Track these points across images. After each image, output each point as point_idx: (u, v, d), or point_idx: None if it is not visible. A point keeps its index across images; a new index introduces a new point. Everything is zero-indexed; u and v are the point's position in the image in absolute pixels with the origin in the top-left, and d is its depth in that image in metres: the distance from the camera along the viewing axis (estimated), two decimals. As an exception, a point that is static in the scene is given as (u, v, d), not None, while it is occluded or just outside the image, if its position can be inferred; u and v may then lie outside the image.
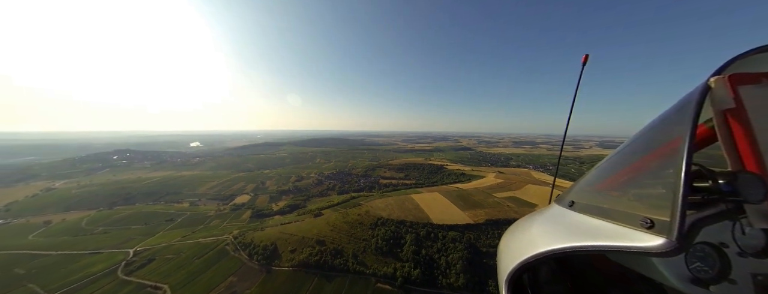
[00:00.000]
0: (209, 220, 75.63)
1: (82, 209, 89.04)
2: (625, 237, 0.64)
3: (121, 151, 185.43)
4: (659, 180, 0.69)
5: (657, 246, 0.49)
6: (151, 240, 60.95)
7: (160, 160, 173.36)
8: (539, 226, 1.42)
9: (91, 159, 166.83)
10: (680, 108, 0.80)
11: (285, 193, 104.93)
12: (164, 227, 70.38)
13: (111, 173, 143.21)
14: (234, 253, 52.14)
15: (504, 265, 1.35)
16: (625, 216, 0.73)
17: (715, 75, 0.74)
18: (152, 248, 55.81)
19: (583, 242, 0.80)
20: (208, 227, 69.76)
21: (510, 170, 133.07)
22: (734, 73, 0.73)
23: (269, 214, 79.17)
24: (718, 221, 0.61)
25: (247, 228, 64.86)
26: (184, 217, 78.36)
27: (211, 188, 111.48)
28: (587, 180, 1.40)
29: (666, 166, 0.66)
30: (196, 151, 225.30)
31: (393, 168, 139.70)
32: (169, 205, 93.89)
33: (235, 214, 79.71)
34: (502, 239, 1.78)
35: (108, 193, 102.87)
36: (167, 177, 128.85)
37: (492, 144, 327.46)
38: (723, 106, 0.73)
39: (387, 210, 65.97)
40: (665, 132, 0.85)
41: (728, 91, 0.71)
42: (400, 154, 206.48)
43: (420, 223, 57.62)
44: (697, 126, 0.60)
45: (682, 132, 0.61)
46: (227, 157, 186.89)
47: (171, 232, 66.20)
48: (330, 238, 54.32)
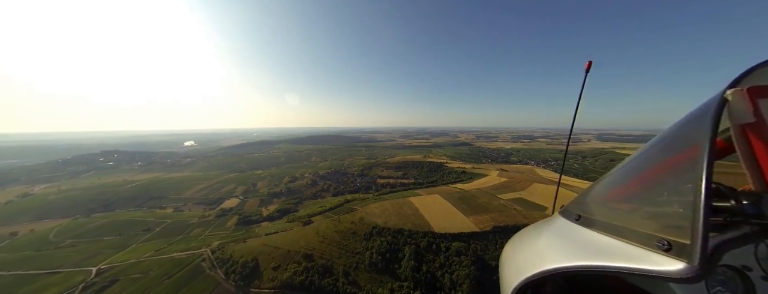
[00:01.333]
0: (190, 228, 68.60)
1: (56, 217, 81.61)
2: (640, 259, 0.58)
3: (108, 152, 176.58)
4: (675, 197, 0.63)
5: (677, 271, 0.44)
6: (120, 255, 53.91)
7: (149, 160, 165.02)
8: (545, 240, 1.34)
9: (75, 161, 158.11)
10: (694, 122, 0.74)
11: (277, 196, 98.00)
12: (139, 238, 63.30)
13: (96, 176, 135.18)
14: (210, 271, 45.29)
15: (508, 280, 1.29)
16: (639, 236, 0.67)
17: (731, 87, 0.69)
18: (118, 266, 48.80)
19: (595, 262, 0.75)
20: (188, 237, 62.78)
21: (513, 167, 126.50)
22: (753, 86, 0.69)
23: (257, 221, 72.30)
24: (742, 245, 0.55)
25: (230, 238, 57.99)
26: (164, 225, 71.24)
27: (198, 191, 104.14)
28: (595, 193, 1.30)
29: (681, 182, 0.60)
30: (189, 151, 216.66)
31: (390, 166, 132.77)
32: (150, 211, 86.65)
33: (219, 221, 72.69)
34: (504, 251, 1.71)
35: (87, 199, 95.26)
36: (154, 179, 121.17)
37: (491, 139, 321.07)
38: (742, 120, 0.69)
39: (383, 216, 59.18)
40: (678, 147, 0.79)
41: (747, 105, 0.67)
42: (398, 151, 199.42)
43: (420, 232, 50.89)
44: (716, 143, 0.55)
45: (699, 149, 0.55)
46: (220, 157, 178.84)
47: (145, 245, 59.15)
48: (319, 252, 47.57)
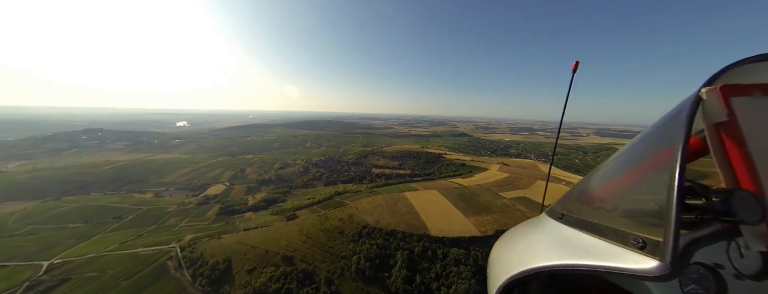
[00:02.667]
0: (166, 217, 62.29)
1: (24, 199, 74.50)
2: (617, 257, 0.60)
3: (92, 130, 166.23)
4: (649, 195, 0.65)
5: (650, 269, 0.46)
6: (80, 247, 47.73)
7: (135, 140, 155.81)
8: (529, 239, 1.36)
9: (57, 138, 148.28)
10: (670, 121, 0.75)
11: (265, 183, 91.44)
12: (107, 227, 57.00)
13: (77, 155, 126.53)
14: (175, 272, 39.44)
15: (494, 280, 1.31)
16: (617, 234, 0.69)
17: (706, 85, 0.69)
18: (74, 261, 42.70)
19: (574, 260, 0.76)
20: (161, 228, 56.62)
21: (514, 162, 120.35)
22: (726, 84, 0.68)
23: (240, 211, 66.17)
24: (713, 243, 0.57)
25: (206, 231, 51.89)
26: (138, 213, 64.81)
27: (182, 175, 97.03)
28: (577, 192, 1.33)
29: (656, 180, 0.62)
30: (178, 132, 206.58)
31: (387, 155, 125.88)
32: (128, 195, 79.90)
33: (199, 210, 66.41)
34: (493, 250, 1.74)
35: (62, 180, 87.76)
36: (137, 161, 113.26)
37: (489, 130, 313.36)
38: (715, 118, 0.69)
39: (375, 214, 53.09)
40: (655, 146, 0.80)
41: (721, 104, 0.67)
42: (395, 140, 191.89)
43: (414, 235, 45.02)
44: (689, 141, 0.57)
45: (673, 148, 0.57)
46: (211, 139, 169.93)
47: (111, 236, 52.95)
48: (300, 254, 41.71)
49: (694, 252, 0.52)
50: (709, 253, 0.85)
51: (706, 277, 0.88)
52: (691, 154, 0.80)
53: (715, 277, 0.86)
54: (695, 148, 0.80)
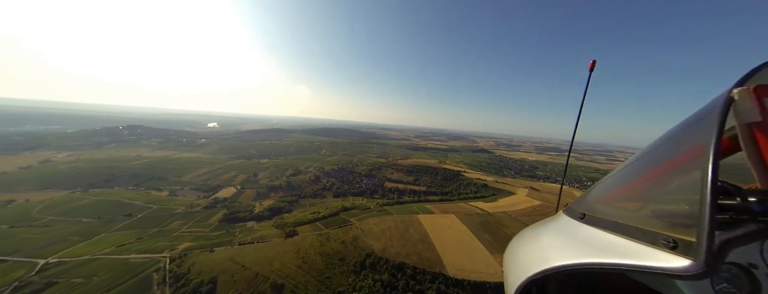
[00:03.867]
0: (171, 219, 60.54)
1: (58, 188, 78.41)
2: (646, 256, 0.57)
3: (132, 127, 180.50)
4: (680, 195, 0.63)
5: (683, 268, 0.43)
6: (80, 247, 46.29)
7: (167, 138, 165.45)
8: (549, 238, 1.33)
9: (102, 132, 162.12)
10: (701, 121, 0.73)
11: (275, 190, 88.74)
12: (114, 226, 56.10)
13: (115, 149, 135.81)
14: (157, 288, 35.47)
15: (512, 279, 1.28)
16: (645, 234, 0.67)
17: (737, 86, 0.68)
18: (68, 262, 40.77)
19: (600, 259, 0.74)
20: (163, 231, 54.45)
21: (544, 186, 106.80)
22: (760, 85, 0.68)
23: (244, 219, 62.82)
24: (747, 243, 0.54)
25: (202, 241, 48.41)
26: (147, 212, 64.02)
27: (199, 175, 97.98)
28: (599, 191, 1.30)
29: (687, 181, 0.60)
30: (207, 132, 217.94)
31: (402, 169, 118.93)
32: (146, 192, 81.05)
33: (204, 215, 64.15)
34: (508, 249, 1.71)
35: (93, 172, 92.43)
36: (163, 158, 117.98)
37: (512, 148, 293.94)
38: (748, 118, 0.68)
39: (383, 239, 46.17)
40: (685, 145, 0.78)
41: (754, 104, 0.66)
42: (411, 152, 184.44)
43: (428, 273, 37.24)
44: (722, 142, 0.54)
45: (705, 147, 0.55)
46: (233, 141, 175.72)
47: (113, 235, 51.50)
48: (293, 281, 35.84)
49: (728, 252, 0.49)
50: (743, 252, 0.83)
51: (739, 277, 0.86)
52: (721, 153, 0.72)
53: (749, 277, 0.84)
54: (724, 146, 0.79)
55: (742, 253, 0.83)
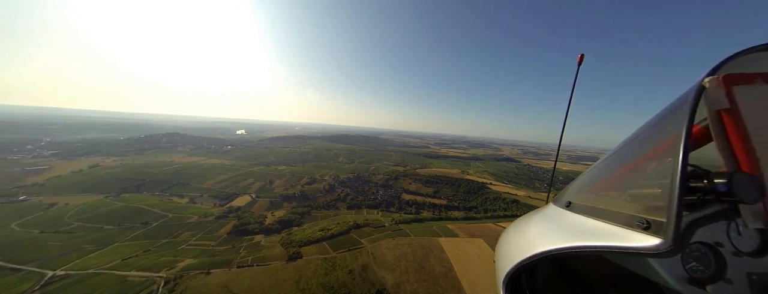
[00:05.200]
0: (183, 230, 58.98)
1: (94, 193, 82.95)
2: (622, 237, 0.62)
3: (170, 134, 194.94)
4: (655, 180, 0.67)
5: (652, 246, 0.47)
6: (90, 258, 45.23)
7: (198, 145, 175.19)
8: (536, 226, 1.38)
9: (145, 139, 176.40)
10: (675, 109, 0.78)
11: (288, 200, 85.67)
12: (128, 235, 55.59)
13: (154, 155, 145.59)
14: (145, 316, 31.68)
15: (502, 267, 1.32)
16: (622, 217, 0.71)
17: (709, 75, 0.72)
18: (73, 276, 39.24)
19: (580, 242, 0.79)
20: (172, 243, 52.50)
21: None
22: (728, 74, 0.70)
23: (253, 231, 59.36)
24: (713, 222, 0.58)
25: (204, 258, 44.99)
26: (163, 220, 63.53)
27: (219, 182, 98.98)
28: (584, 180, 1.36)
29: (662, 166, 0.64)
30: (235, 139, 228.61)
31: (420, 179, 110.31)
32: (168, 198, 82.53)
33: (215, 226, 61.94)
34: (499, 240, 1.76)
35: (128, 177, 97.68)
36: (191, 164, 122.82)
37: (541, 156, 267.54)
38: (717, 106, 0.71)
39: (397, 269, 38.59)
40: (660, 133, 0.83)
41: (722, 92, 0.69)
42: (431, 161, 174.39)
43: (452, 324, 28.82)
44: (693, 126, 0.59)
45: (678, 132, 0.58)
46: (256, 148, 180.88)
47: (124, 246, 50.42)
48: (288, 321, 29.82)
49: (695, 231, 0.53)
50: (710, 232, 0.88)
51: (707, 255, 0.90)
52: (695, 141, 0.81)
53: (715, 255, 0.89)
54: (698, 136, 0.81)
55: (709, 233, 0.89)
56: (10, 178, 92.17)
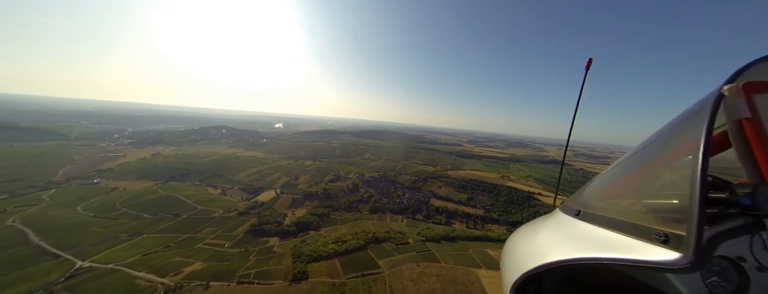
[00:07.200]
0: (206, 224, 58.06)
1: (149, 179, 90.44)
2: (638, 250, 0.58)
3: (219, 127, 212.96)
4: (672, 191, 0.64)
5: (672, 261, 0.45)
6: (118, 249, 45.41)
7: (239, 137, 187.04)
8: (546, 234, 1.34)
9: (198, 131, 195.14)
10: (691, 117, 0.74)
11: (310, 197, 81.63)
12: (158, 226, 56.29)
13: (203, 146, 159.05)
14: (136, 334, 28.04)
15: (509, 275, 1.28)
16: (637, 228, 0.68)
17: (728, 83, 0.69)
18: (96, 269, 38.89)
19: (593, 254, 0.75)
20: (192, 239, 51.17)
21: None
22: (748, 82, 0.68)
23: (270, 232, 55.55)
24: (736, 236, 0.55)
25: (212, 262, 41.55)
26: (192, 212, 64.07)
27: (249, 175, 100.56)
28: (594, 188, 1.31)
29: (678, 176, 0.60)
30: (271, 132, 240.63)
31: (452, 183, 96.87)
32: (203, 189, 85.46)
33: (236, 222, 59.99)
34: (505, 246, 1.71)
35: (176, 166, 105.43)
36: (229, 155, 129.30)
37: (597, 159, 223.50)
38: (737, 115, 0.68)
39: (422, 314, 28.73)
40: (676, 142, 0.79)
41: (743, 100, 0.67)
42: (464, 161, 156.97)
43: None
44: (711, 137, 0.55)
45: (695, 143, 0.55)
46: (288, 141, 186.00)
47: (151, 238, 50.48)
48: None
49: (717, 245, 0.50)
50: (732, 246, 0.82)
51: (729, 271, 0.85)
52: (712, 150, 0.72)
53: (738, 270, 0.84)
54: (715, 142, 0.78)
55: (731, 247, 0.83)
56: (94, 162, 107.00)
